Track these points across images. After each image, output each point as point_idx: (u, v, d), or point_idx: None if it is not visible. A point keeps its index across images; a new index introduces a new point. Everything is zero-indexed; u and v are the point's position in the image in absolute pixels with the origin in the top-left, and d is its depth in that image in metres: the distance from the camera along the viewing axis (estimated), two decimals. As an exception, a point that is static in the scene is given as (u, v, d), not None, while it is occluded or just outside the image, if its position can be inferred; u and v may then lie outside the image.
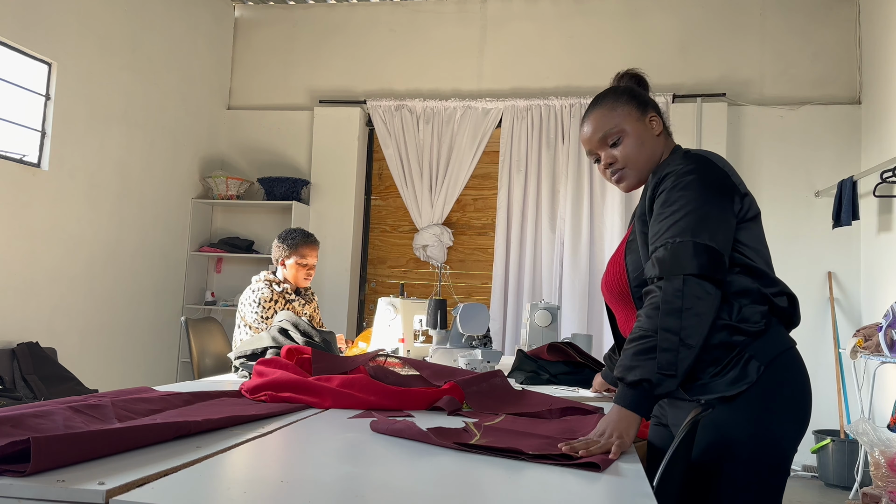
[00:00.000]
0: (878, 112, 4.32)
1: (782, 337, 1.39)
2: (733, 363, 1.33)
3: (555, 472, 1.10)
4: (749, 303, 1.36)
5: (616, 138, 1.53)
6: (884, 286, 4.12)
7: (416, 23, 5.32)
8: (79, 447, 0.98)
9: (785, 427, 1.34)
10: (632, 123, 1.52)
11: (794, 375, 1.36)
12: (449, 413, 1.59)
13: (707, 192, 1.37)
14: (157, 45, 4.71)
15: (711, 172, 1.40)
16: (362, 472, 1.04)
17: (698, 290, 1.29)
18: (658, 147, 1.54)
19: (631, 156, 1.52)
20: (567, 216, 4.83)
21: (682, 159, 1.44)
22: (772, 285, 1.39)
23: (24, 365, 3.46)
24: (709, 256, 1.30)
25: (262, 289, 3.03)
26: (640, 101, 1.55)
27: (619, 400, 1.29)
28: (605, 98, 1.57)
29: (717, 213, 1.36)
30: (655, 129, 1.54)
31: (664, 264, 1.33)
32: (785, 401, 1.34)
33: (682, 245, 1.32)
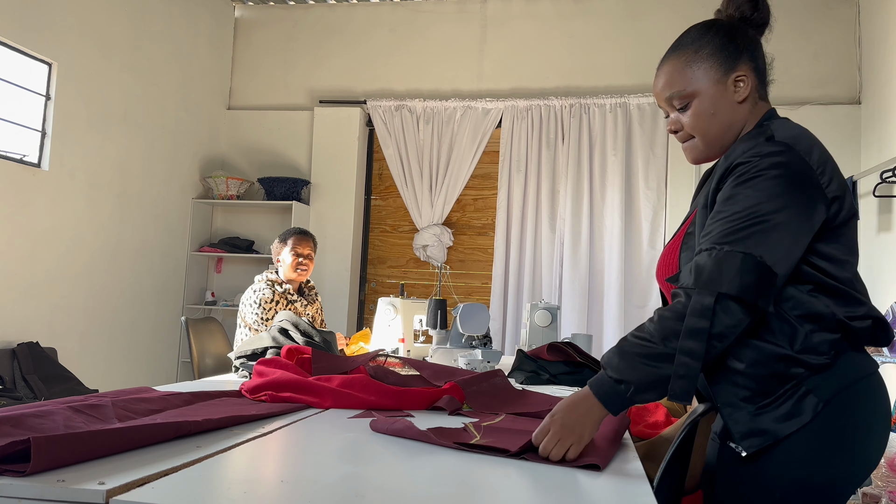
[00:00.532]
0: (877, 112, 4.32)
1: (854, 366, 1.15)
2: (787, 396, 1.13)
3: (555, 471, 1.10)
4: (818, 329, 1.13)
5: (685, 102, 1.27)
6: (884, 286, 4.12)
7: (416, 23, 5.32)
8: (79, 447, 0.98)
9: (839, 472, 1.13)
10: (707, 87, 1.25)
11: (861, 412, 1.14)
12: (449, 413, 1.59)
13: (783, 195, 1.11)
14: (157, 45, 4.71)
15: (795, 170, 1.13)
16: (362, 472, 1.04)
17: (732, 313, 1.09)
18: (739, 115, 1.25)
19: (699, 126, 1.26)
20: (567, 216, 4.83)
21: (764, 142, 1.16)
22: (855, 306, 1.15)
23: (24, 365, 3.46)
24: (757, 276, 1.08)
25: (263, 289, 3.03)
26: (727, 54, 1.25)
27: (594, 385, 1.16)
28: (686, 44, 1.30)
29: (789, 222, 1.11)
30: (739, 94, 1.24)
31: (701, 274, 1.11)
32: (844, 442, 1.12)
33: (730, 256, 1.09)
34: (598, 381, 1.16)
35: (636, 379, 1.12)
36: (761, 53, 1.28)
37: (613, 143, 4.80)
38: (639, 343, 1.14)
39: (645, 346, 1.13)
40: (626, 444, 1.35)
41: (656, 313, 1.16)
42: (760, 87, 1.28)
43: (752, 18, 1.29)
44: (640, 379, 1.11)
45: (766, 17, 1.30)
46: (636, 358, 1.13)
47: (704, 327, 1.08)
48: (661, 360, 1.11)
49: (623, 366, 1.13)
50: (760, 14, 1.29)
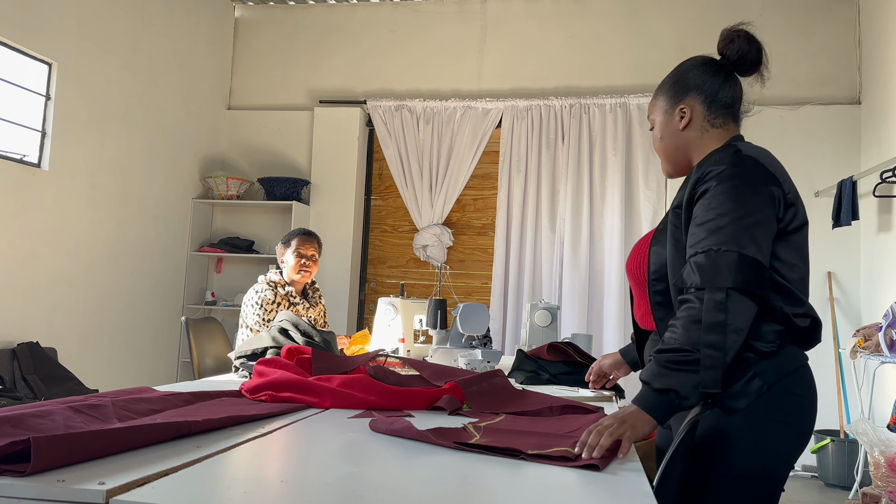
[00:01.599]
0: (877, 112, 4.32)
1: (793, 356, 1.34)
2: (738, 377, 1.31)
3: (554, 471, 1.10)
4: (768, 321, 1.31)
5: (650, 126, 1.56)
6: (883, 286, 4.12)
7: (416, 23, 5.33)
8: (79, 447, 0.98)
9: (783, 447, 1.32)
10: (659, 115, 1.52)
11: (798, 396, 1.33)
12: (449, 413, 1.59)
13: (754, 199, 1.29)
14: (157, 46, 4.71)
15: (758, 177, 1.32)
16: (362, 472, 1.04)
17: (741, 305, 1.24)
18: (682, 140, 1.48)
19: (655, 146, 1.55)
20: (567, 216, 4.83)
21: (729, 158, 1.35)
22: (797, 305, 1.32)
23: (24, 365, 3.46)
24: (755, 271, 1.24)
25: (265, 290, 3.02)
26: (677, 89, 1.49)
27: (640, 402, 1.26)
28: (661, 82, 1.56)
29: (763, 223, 1.29)
30: (681, 123, 1.48)
31: (706, 273, 1.26)
32: (785, 421, 1.31)
33: (727, 255, 1.25)
34: (643, 397, 1.27)
35: (682, 386, 1.23)
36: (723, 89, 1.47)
37: (613, 143, 4.80)
38: (672, 354, 1.25)
39: (679, 355, 1.24)
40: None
41: (676, 324, 1.28)
42: (714, 117, 1.47)
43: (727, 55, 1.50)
44: (687, 384, 1.23)
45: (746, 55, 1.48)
46: (673, 367, 1.24)
47: (722, 320, 1.22)
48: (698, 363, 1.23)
49: (667, 379, 1.24)
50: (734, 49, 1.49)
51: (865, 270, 4.44)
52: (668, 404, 1.24)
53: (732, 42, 1.50)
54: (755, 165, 1.33)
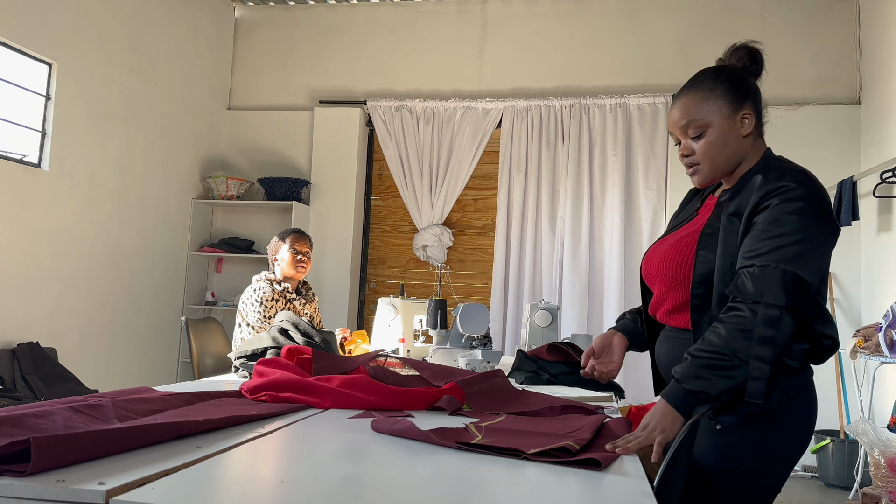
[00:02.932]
0: (877, 112, 4.32)
1: (808, 372, 1.42)
2: None
3: (555, 471, 1.10)
4: (798, 339, 1.36)
5: (700, 132, 1.44)
6: (883, 286, 4.12)
7: (416, 23, 5.33)
8: (79, 447, 0.98)
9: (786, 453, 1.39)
10: (720, 120, 1.43)
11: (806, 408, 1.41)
12: (450, 413, 1.59)
13: (818, 225, 1.33)
14: (157, 46, 4.71)
15: (823, 203, 1.35)
16: (362, 472, 1.04)
17: (789, 325, 1.30)
18: (742, 148, 1.45)
19: (709, 153, 1.44)
20: (567, 216, 4.83)
21: (793, 176, 1.35)
22: (825, 325, 1.37)
23: (24, 365, 3.46)
24: (802, 293, 1.29)
25: (263, 288, 3.03)
26: (737, 94, 1.44)
27: (671, 398, 1.30)
28: (701, 83, 1.47)
29: (822, 249, 1.34)
30: (745, 129, 1.44)
31: (762, 287, 1.29)
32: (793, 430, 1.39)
33: (785, 274, 1.28)
34: (673, 394, 1.31)
35: (714, 389, 1.28)
36: (761, 99, 1.48)
37: (613, 143, 4.80)
38: (711, 358, 1.29)
39: (717, 359, 1.29)
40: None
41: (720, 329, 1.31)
42: (759, 126, 1.48)
43: (750, 69, 1.49)
44: (716, 388, 1.28)
45: (761, 69, 1.50)
46: (711, 371, 1.28)
47: (773, 335, 1.28)
48: (734, 370, 1.28)
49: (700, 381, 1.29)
50: (757, 66, 1.49)
51: (865, 271, 4.44)
52: (697, 404, 1.29)
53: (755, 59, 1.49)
54: (820, 189, 1.36)
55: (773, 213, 1.33)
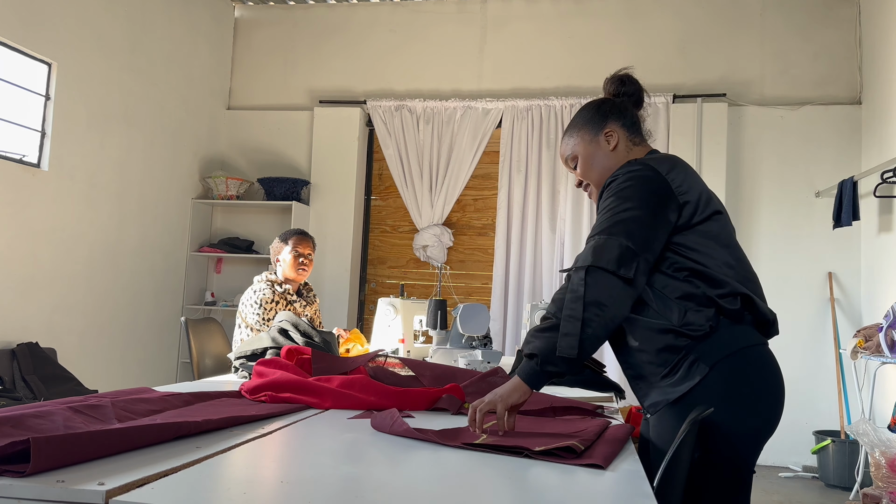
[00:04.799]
0: (878, 112, 4.32)
1: (735, 337, 1.39)
2: (679, 365, 1.38)
3: (556, 471, 1.10)
4: (694, 307, 1.39)
5: (574, 163, 1.65)
6: (884, 286, 4.12)
7: (416, 23, 5.32)
8: (79, 447, 0.98)
9: (739, 425, 1.37)
10: (583, 147, 1.62)
11: (747, 375, 1.38)
12: (453, 413, 1.59)
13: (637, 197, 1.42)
14: (157, 46, 4.71)
15: (646, 178, 1.44)
16: (362, 472, 1.04)
17: (601, 282, 1.36)
18: (614, 160, 1.59)
19: (587, 175, 1.63)
20: (567, 216, 4.83)
21: (623, 168, 1.50)
22: (718, 287, 1.40)
23: (23, 365, 3.45)
24: (619, 253, 1.36)
25: (263, 289, 3.02)
26: (596, 119, 1.61)
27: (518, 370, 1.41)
28: (571, 123, 1.68)
29: (642, 215, 1.40)
30: (610, 144, 1.60)
31: (578, 258, 1.42)
32: (738, 399, 1.36)
33: (599, 240, 1.40)
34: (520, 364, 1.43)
35: (539, 350, 1.37)
36: (630, 114, 1.64)
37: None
38: (541, 321, 1.43)
39: (544, 322, 1.41)
40: (626, 444, 1.35)
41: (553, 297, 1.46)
42: (633, 137, 1.62)
43: (620, 94, 1.66)
44: (542, 349, 1.36)
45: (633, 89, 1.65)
46: (538, 333, 1.40)
47: (580, 294, 1.36)
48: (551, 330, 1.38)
49: (532, 342, 1.39)
50: (628, 88, 1.65)
51: (866, 271, 4.44)
52: (531, 368, 1.38)
53: (624, 83, 1.66)
54: (644, 169, 1.46)
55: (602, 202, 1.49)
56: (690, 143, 4.69)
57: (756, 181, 4.68)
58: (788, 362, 4.03)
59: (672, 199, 1.43)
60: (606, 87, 1.70)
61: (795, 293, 4.57)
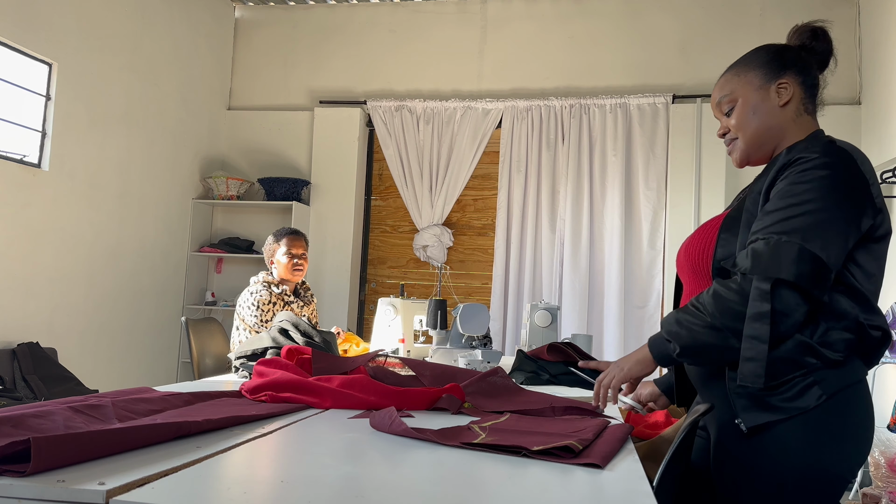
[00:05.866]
0: (878, 112, 4.32)
1: (857, 369, 1.25)
2: (794, 383, 1.21)
3: (555, 471, 1.10)
4: (839, 328, 1.21)
5: (731, 106, 1.41)
6: (884, 286, 4.12)
7: (416, 23, 5.33)
8: (79, 447, 0.98)
9: (838, 461, 1.23)
10: (749, 91, 1.38)
11: (857, 410, 1.25)
12: (453, 413, 1.59)
13: (837, 196, 1.19)
14: (157, 46, 4.71)
15: (851, 174, 1.22)
16: (362, 472, 1.04)
17: (789, 300, 1.17)
18: (779, 119, 1.36)
19: (740, 125, 1.39)
20: (567, 217, 4.83)
21: (821, 146, 1.25)
22: (872, 314, 1.24)
23: (24, 365, 3.46)
24: (813, 267, 1.15)
25: (260, 291, 3.02)
26: (774, 65, 1.38)
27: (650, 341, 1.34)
28: (739, 61, 1.44)
29: (841, 223, 1.18)
30: (781, 99, 1.36)
31: (760, 260, 1.18)
32: (842, 435, 1.22)
33: (788, 245, 1.16)
34: (653, 336, 1.35)
35: (682, 341, 1.26)
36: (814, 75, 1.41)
37: (613, 143, 4.80)
38: (693, 311, 1.27)
39: (697, 314, 1.25)
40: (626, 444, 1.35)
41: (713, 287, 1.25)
42: (808, 102, 1.39)
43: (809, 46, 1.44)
44: (685, 342, 1.25)
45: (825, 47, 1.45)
46: (686, 323, 1.26)
47: (766, 311, 1.16)
48: (709, 329, 1.23)
49: (675, 327, 1.27)
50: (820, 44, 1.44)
51: (865, 271, 4.44)
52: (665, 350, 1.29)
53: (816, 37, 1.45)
54: (848, 160, 1.23)
55: (785, 184, 1.24)
56: (690, 144, 4.69)
57: (756, 181, 4.68)
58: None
59: (870, 204, 1.22)
60: (793, 37, 1.46)
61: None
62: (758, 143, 1.38)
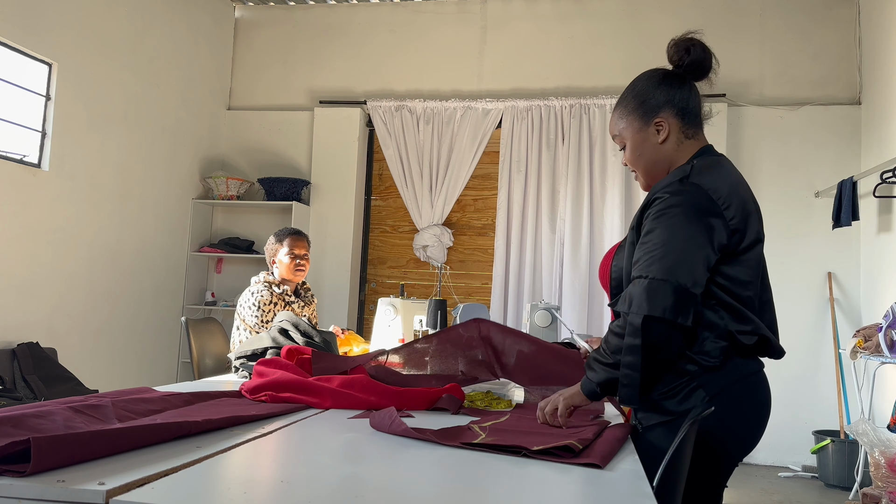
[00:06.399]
0: (878, 112, 4.32)
1: (737, 368, 1.40)
2: (681, 388, 1.39)
3: (555, 471, 1.10)
4: (712, 337, 1.38)
5: (622, 145, 1.59)
6: (884, 286, 4.12)
7: (416, 23, 5.33)
8: (79, 447, 0.98)
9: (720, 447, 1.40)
10: (631, 134, 1.55)
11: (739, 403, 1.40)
12: (453, 413, 1.59)
13: (687, 229, 1.35)
14: (157, 46, 4.71)
15: (697, 207, 1.37)
16: (362, 472, 1.04)
17: (658, 331, 1.32)
18: (662, 154, 1.52)
19: (632, 163, 1.57)
20: (567, 217, 4.83)
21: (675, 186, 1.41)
22: (743, 323, 1.39)
23: (24, 365, 3.46)
24: (676, 298, 1.31)
25: (261, 291, 3.02)
26: (648, 106, 1.54)
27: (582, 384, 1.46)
28: (619, 102, 1.61)
29: (694, 250, 1.34)
30: (660, 136, 1.52)
31: (632, 301, 1.36)
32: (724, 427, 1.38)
33: (653, 283, 1.33)
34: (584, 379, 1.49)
35: (598, 380, 1.42)
36: (691, 99, 1.55)
37: (613, 143, 4.80)
38: (601, 352, 1.44)
39: (602, 355, 1.43)
40: (626, 444, 1.36)
41: (608, 328, 1.44)
42: (687, 127, 1.53)
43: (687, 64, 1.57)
44: (599, 378, 1.42)
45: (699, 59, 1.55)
46: (597, 364, 1.43)
47: (637, 344, 1.33)
48: (609, 367, 1.40)
49: (590, 371, 1.45)
50: (692, 57, 1.55)
51: (865, 271, 4.44)
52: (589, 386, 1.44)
53: (688, 52, 1.55)
54: (697, 194, 1.38)
55: (648, 224, 1.41)
56: (690, 144, 4.68)
57: (756, 181, 4.68)
58: (788, 362, 4.04)
59: (722, 225, 1.37)
60: (669, 53, 1.60)
61: (795, 293, 4.57)
62: (650, 174, 1.55)
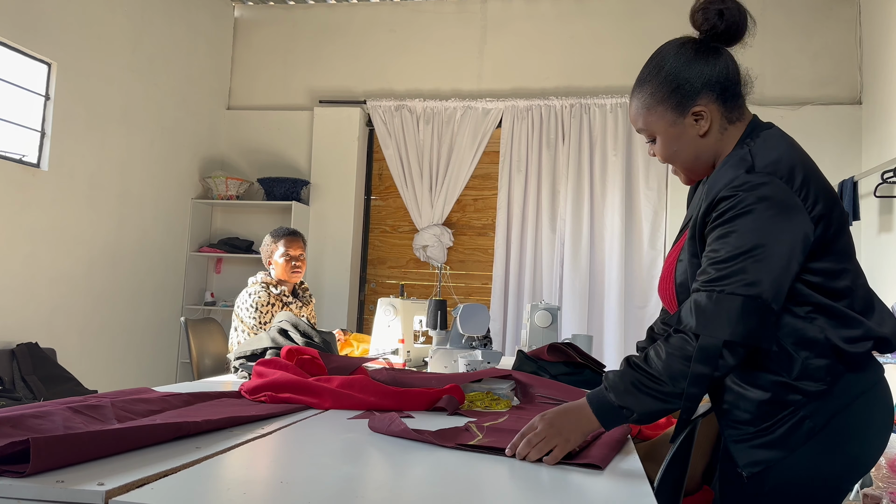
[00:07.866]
0: (878, 112, 4.31)
1: (850, 387, 1.16)
2: (783, 421, 1.17)
3: (555, 471, 1.10)
4: (813, 356, 1.15)
5: (651, 138, 1.32)
6: (884, 287, 4.12)
7: (416, 23, 5.32)
8: (78, 448, 0.98)
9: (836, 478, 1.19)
10: (664, 128, 1.28)
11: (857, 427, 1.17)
12: (450, 413, 1.59)
13: (771, 229, 1.12)
14: (156, 46, 4.71)
15: (778, 199, 1.14)
16: (362, 473, 1.04)
17: (733, 359, 1.12)
18: (705, 147, 1.27)
19: (668, 159, 1.31)
20: (567, 216, 4.83)
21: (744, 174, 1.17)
22: (850, 327, 1.16)
23: (23, 365, 3.45)
24: (759, 318, 1.11)
25: (258, 292, 3.02)
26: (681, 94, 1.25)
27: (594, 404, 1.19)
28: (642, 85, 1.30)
29: (780, 255, 1.12)
30: (700, 128, 1.26)
31: (703, 317, 1.13)
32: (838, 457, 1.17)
33: (730, 299, 1.11)
34: (598, 400, 1.19)
35: (641, 409, 1.15)
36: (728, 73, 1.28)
37: (614, 143, 4.80)
38: (647, 378, 1.16)
39: (654, 383, 1.15)
40: (626, 444, 1.35)
41: (663, 349, 1.16)
42: (729, 111, 1.28)
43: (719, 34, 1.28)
44: (645, 410, 1.15)
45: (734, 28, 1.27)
46: (644, 392, 1.15)
47: (708, 373, 1.12)
48: (671, 397, 1.14)
49: (629, 397, 1.16)
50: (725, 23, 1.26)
51: (866, 271, 4.40)
52: (618, 418, 1.18)
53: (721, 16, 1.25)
54: (772, 185, 1.15)
55: (717, 227, 1.17)
56: (690, 143, 4.68)
57: (756, 181, 4.67)
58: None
59: (805, 222, 1.14)
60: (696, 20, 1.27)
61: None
62: (693, 168, 1.32)
